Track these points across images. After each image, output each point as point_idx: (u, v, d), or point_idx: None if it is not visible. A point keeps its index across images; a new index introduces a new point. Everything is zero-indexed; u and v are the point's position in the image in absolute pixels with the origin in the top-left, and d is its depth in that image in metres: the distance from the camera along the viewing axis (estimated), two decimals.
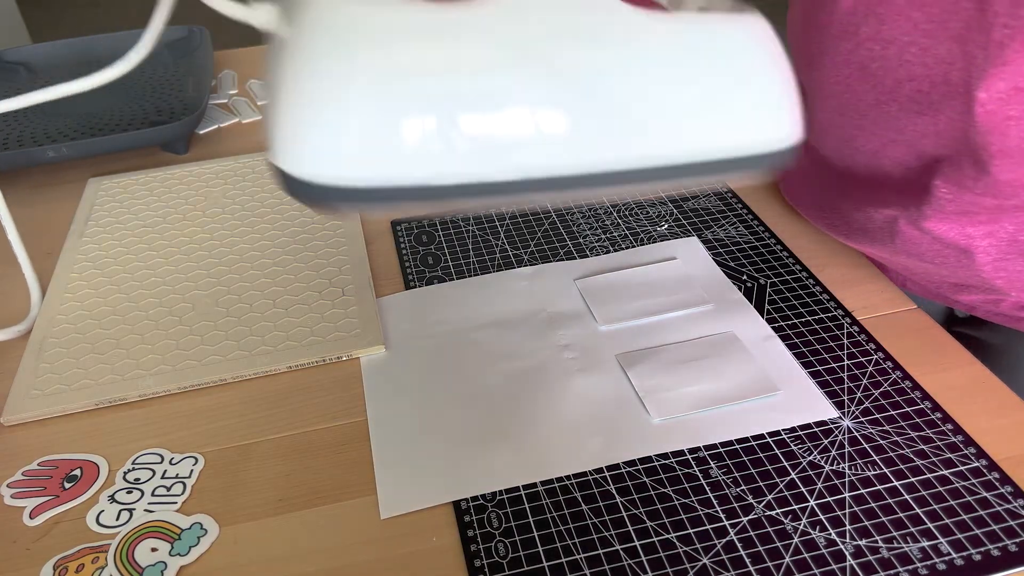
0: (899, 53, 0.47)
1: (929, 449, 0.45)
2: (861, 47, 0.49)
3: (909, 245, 0.53)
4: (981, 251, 0.51)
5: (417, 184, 0.31)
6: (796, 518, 0.41)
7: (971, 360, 0.51)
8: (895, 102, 0.49)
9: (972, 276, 0.52)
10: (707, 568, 0.39)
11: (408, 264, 0.61)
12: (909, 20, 0.46)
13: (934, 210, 0.50)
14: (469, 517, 0.42)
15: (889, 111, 0.49)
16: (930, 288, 0.56)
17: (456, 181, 0.32)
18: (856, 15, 0.49)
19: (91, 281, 0.60)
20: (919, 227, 0.52)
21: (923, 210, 0.51)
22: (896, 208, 0.53)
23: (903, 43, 0.47)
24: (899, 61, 0.47)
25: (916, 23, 0.46)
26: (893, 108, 0.49)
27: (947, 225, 0.51)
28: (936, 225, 0.51)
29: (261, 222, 0.66)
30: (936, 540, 0.40)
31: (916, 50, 0.46)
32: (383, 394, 0.50)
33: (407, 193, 0.31)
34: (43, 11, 3.25)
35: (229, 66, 0.96)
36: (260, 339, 0.54)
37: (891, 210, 0.53)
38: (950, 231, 0.51)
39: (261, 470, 0.46)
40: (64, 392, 0.51)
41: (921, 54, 0.46)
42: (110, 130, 0.78)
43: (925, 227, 0.51)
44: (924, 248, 0.53)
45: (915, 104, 0.47)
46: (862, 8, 0.48)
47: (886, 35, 0.47)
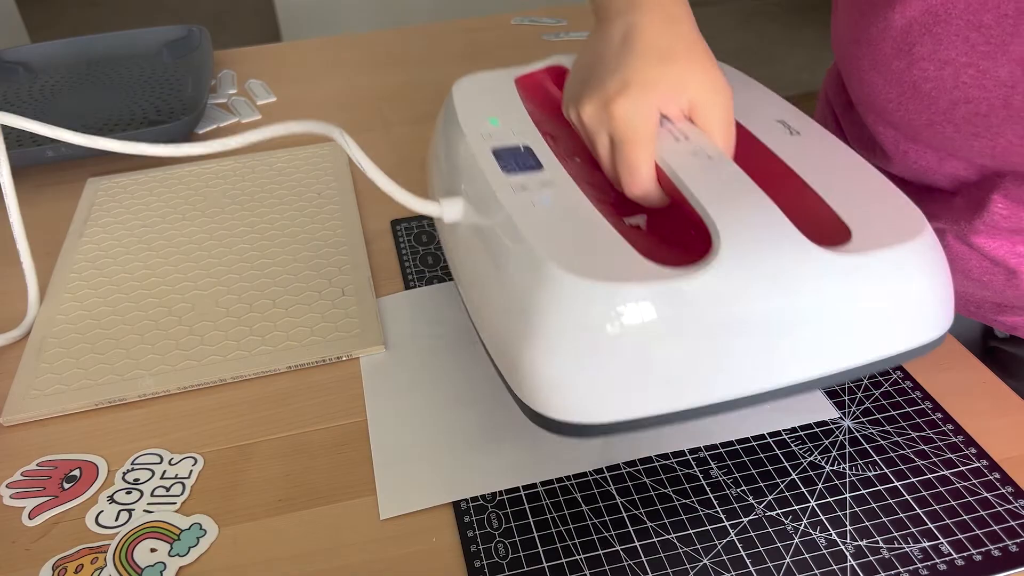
0: (955, 74, 0.45)
1: (930, 449, 0.45)
2: (914, 66, 0.47)
3: (955, 261, 0.51)
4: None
5: (655, 414, 0.38)
6: (797, 518, 0.41)
7: (972, 360, 0.50)
8: (950, 124, 0.46)
9: (1018, 296, 0.50)
10: (707, 568, 0.39)
11: (408, 264, 0.61)
12: (967, 42, 0.44)
13: (987, 225, 0.48)
14: (469, 517, 0.42)
15: (944, 132, 0.47)
16: (970, 307, 0.54)
17: (684, 407, 0.38)
18: (911, 34, 0.46)
19: (90, 281, 0.60)
20: (968, 242, 0.50)
21: (975, 224, 0.49)
22: (945, 221, 0.51)
23: (959, 64, 0.44)
24: (954, 83, 0.45)
25: (974, 45, 0.44)
26: (948, 129, 0.47)
27: (998, 242, 0.49)
28: (986, 241, 0.49)
29: (261, 222, 0.66)
30: (937, 540, 0.40)
31: (973, 72, 0.44)
32: (383, 394, 0.50)
33: (647, 422, 0.38)
34: (42, 11, 3.25)
35: (228, 66, 0.96)
36: (260, 339, 0.54)
37: (939, 223, 0.51)
38: (1000, 248, 0.49)
39: (261, 470, 0.46)
40: (63, 392, 0.51)
41: (979, 76, 0.44)
42: (109, 130, 0.78)
43: (974, 243, 0.49)
44: (971, 265, 0.51)
45: (971, 127, 0.45)
46: (917, 27, 0.46)
47: (942, 56, 0.45)
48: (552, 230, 0.39)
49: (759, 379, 0.38)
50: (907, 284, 0.39)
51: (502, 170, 0.43)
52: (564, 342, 0.37)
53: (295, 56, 0.98)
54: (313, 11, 2.70)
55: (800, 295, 0.38)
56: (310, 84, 0.91)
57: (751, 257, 0.37)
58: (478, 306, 0.43)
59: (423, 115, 0.83)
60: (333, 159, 0.75)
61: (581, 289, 0.36)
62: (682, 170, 0.41)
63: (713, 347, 0.37)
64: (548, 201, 0.41)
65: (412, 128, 0.81)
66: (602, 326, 0.36)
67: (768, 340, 0.38)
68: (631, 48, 0.43)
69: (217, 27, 2.89)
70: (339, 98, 0.88)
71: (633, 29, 0.44)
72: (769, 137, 0.46)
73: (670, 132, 0.44)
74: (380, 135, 0.80)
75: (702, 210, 0.39)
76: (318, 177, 0.72)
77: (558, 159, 0.45)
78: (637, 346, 0.36)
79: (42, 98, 0.85)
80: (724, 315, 0.37)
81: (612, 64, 0.43)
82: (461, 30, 1.03)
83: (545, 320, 0.37)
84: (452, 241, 0.47)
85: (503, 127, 0.47)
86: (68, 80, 0.89)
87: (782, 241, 0.38)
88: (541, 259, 0.37)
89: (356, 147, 0.46)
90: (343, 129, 0.47)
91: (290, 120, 0.49)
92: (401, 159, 0.75)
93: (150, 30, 0.95)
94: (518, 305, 0.38)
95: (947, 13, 0.44)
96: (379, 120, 0.83)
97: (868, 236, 0.39)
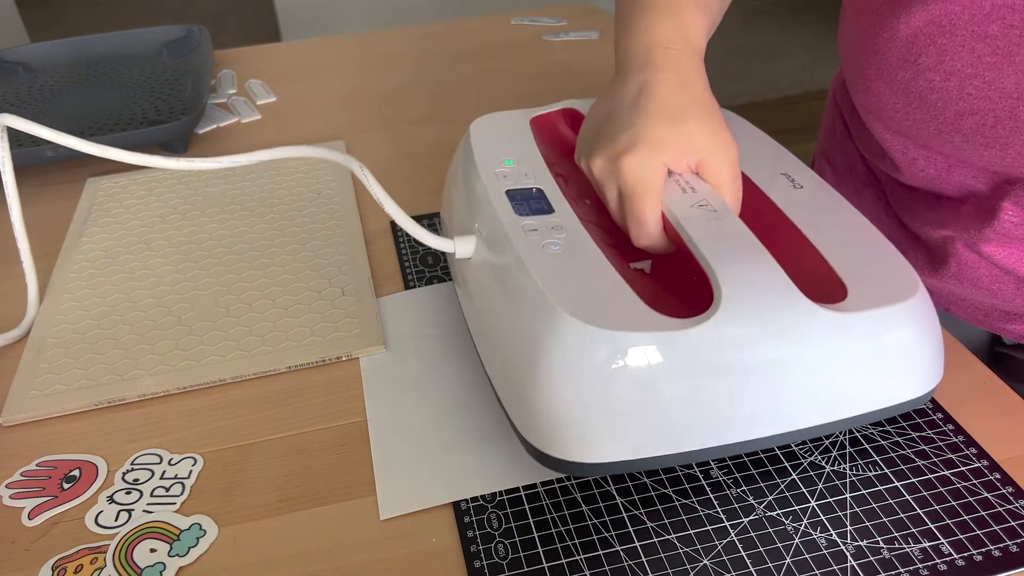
0: (960, 85, 0.45)
1: (930, 449, 0.45)
2: (920, 76, 0.46)
3: (964, 269, 0.51)
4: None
5: (649, 456, 0.39)
6: (797, 518, 0.41)
7: (972, 360, 0.50)
8: (959, 133, 0.46)
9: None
10: (707, 569, 0.39)
11: (408, 264, 0.61)
12: (972, 52, 0.44)
13: (997, 233, 0.48)
14: (469, 518, 0.42)
15: (953, 141, 0.47)
16: (978, 315, 0.53)
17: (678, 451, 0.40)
18: (916, 44, 0.46)
19: (90, 281, 0.60)
20: (977, 250, 0.50)
21: (984, 232, 0.49)
22: (955, 229, 0.50)
23: (965, 75, 0.44)
24: (960, 94, 0.45)
25: (980, 55, 0.43)
26: (957, 139, 0.47)
27: (1008, 250, 0.49)
28: (997, 250, 0.49)
29: (260, 222, 0.66)
30: (937, 540, 0.40)
31: (979, 83, 0.44)
32: (383, 394, 0.50)
33: (640, 463, 0.40)
34: (42, 11, 3.25)
35: (228, 66, 0.96)
36: (260, 339, 0.54)
37: (948, 231, 0.51)
38: (1010, 257, 0.49)
39: (260, 471, 0.46)
40: (63, 392, 0.51)
41: (984, 88, 0.44)
42: (109, 130, 0.78)
43: (984, 251, 0.49)
44: (980, 274, 0.50)
45: (980, 137, 0.45)
46: (922, 37, 0.46)
47: (947, 67, 0.45)
48: (561, 275, 0.41)
49: (752, 428, 0.40)
50: (898, 342, 0.41)
51: (515, 212, 0.45)
52: (567, 384, 0.38)
53: (295, 56, 0.98)
54: (313, 11, 2.70)
55: (795, 350, 0.39)
56: (310, 84, 0.91)
57: (750, 312, 0.39)
58: (485, 341, 0.45)
59: (423, 115, 0.83)
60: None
61: (587, 334, 0.38)
62: (687, 222, 0.43)
63: (710, 395, 0.39)
64: (558, 246, 0.43)
65: (412, 128, 0.81)
66: (605, 371, 0.38)
67: (762, 392, 0.39)
68: (644, 106, 0.45)
69: (217, 27, 2.89)
70: (339, 98, 0.88)
71: (648, 87, 0.45)
72: (773, 190, 0.48)
73: (677, 183, 0.45)
74: (380, 135, 0.80)
75: (705, 263, 0.40)
76: (318, 177, 0.72)
77: (569, 202, 0.47)
78: (636, 391, 0.38)
79: (42, 98, 0.85)
80: (722, 366, 0.38)
81: (624, 120, 0.45)
82: (461, 30, 1.03)
83: (550, 362, 0.38)
84: (463, 277, 0.49)
85: (517, 167, 0.49)
86: (68, 80, 0.88)
87: (781, 297, 0.39)
88: (550, 304, 0.39)
89: (376, 183, 0.48)
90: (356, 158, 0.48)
91: (305, 144, 0.50)
92: (401, 159, 0.75)
93: (150, 30, 0.95)
94: (525, 346, 0.40)
95: (952, 24, 0.44)
96: (379, 120, 0.83)
97: (863, 294, 0.40)
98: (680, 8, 0.47)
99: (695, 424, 0.39)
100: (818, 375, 0.40)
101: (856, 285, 0.41)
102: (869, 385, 0.41)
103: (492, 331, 0.44)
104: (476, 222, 0.47)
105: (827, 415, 0.41)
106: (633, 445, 0.39)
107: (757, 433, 0.40)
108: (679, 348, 0.38)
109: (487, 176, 0.48)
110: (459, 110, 0.84)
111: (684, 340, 0.38)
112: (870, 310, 0.40)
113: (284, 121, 0.83)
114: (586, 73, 0.90)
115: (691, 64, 0.47)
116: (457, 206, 0.51)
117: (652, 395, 0.38)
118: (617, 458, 0.39)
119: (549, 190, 0.47)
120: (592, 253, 0.42)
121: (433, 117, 0.83)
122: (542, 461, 0.41)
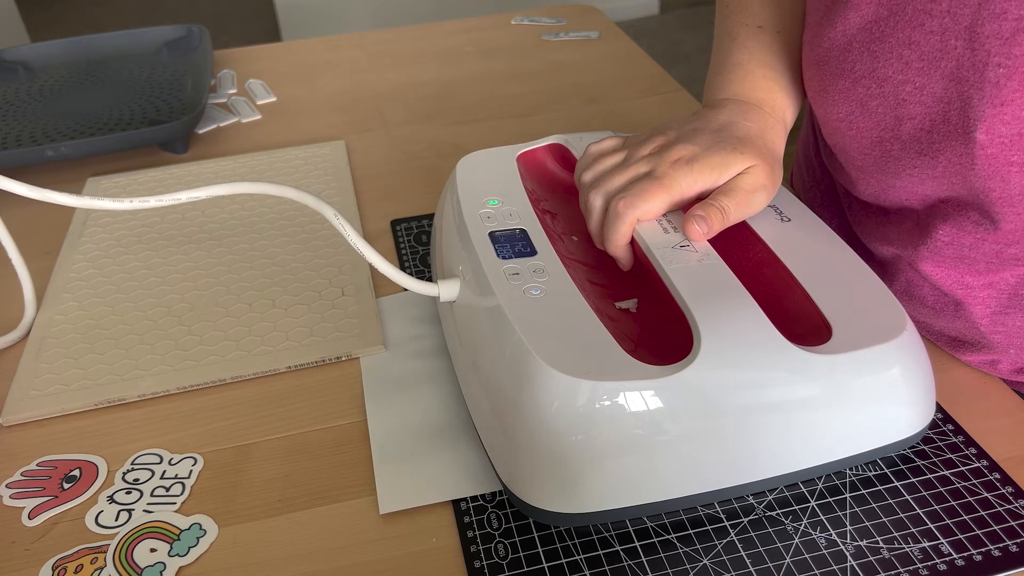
0: (895, 91, 0.45)
1: (930, 449, 0.45)
2: (858, 84, 0.47)
3: (912, 288, 0.51)
4: (979, 303, 0.49)
5: (627, 505, 0.40)
6: (797, 518, 0.41)
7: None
8: (897, 140, 0.47)
9: (969, 329, 0.50)
10: (707, 568, 0.39)
11: (408, 264, 0.61)
12: (900, 59, 0.44)
13: (931, 252, 0.49)
14: (469, 517, 0.42)
15: (891, 150, 0.47)
16: (930, 336, 0.53)
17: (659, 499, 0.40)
18: (851, 52, 0.47)
19: (90, 281, 0.60)
20: (917, 268, 0.50)
21: (920, 251, 0.49)
22: (899, 246, 0.51)
23: (897, 81, 0.45)
24: (896, 100, 0.45)
25: (908, 62, 0.44)
26: (895, 147, 0.47)
27: (944, 271, 0.49)
28: (933, 269, 0.49)
29: (260, 222, 0.66)
30: (937, 540, 0.40)
31: (911, 88, 0.44)
32: (383, 394, 0.50)
33: (640, 509, 0.40)
34: (42, 11, 3.25)
35: (228, 66, 0.96)
36: (259, 339, 0.54)
37: (894, 248, 0.51)
38: (946, 278, 0.49)
39: (260, 470, 0.46)
40: (63, 392, 0.51)
41: (917, 93, 0.44)
42: (109, 130, 0.78)
43: (922, 270, 0.50)
44: (924, 293, 0.51)
45: (917, 143, 0.46)
46: (856, 45, 0.47)
47: (880, 74, 0.46)
48: (541, 322, 0.41)
49: (734, 475, 0.40)
50: (885, 382, 0.41)
51: (497, 255, 0.45)
52: (546, 432, 0.38)
53: (295, 56, 0.98)
54: (313, 11, 2.71)
55: (776, 393, 0.39)
56: (310, 84, 0.91)
57: (729, 358, 0.38)
58: (469, 384, 0.45)
59: (423, 115, 0.83)
60: (333, 159, 0.75)
61: (564, 384, 0.38)
62: (668, 264, 0.43)
63: (690, 443, 0.39)
64: (539, 291, 0.42)
65: (412, 128, 0.81)
66: (583, 419, 0.38)
67: (746, 438, 0.39)
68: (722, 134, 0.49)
69: (217, 27, 2.89)
70: (339, 98, 0.88)
71: (730, 121, 0.50)
72: (761, 224, 0.48)
73: (659, 223, 0.46)
74: (380, 135, 0.80)
75: (686, 308, 0.40)
76: (318, 177, 0.72)
77: (553, 241, 0.47)
78: (615, 440, 0.38)
79: (42, 98, 0.85)
80: (701, 412, 0.38)
81: (699, 135, 0.48)
82: (461, 30, 1.03)
83: (529, 410, 0.38)
84: (448, 318, 0.49)
85: (502, 207, 0.49)
86: (68, 80, 0.89)
87: (760, 341, 0.39)
88: (528, 352, 0.39)
89: (352, 230, 0.47)
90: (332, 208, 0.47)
91: (284, 185, 0.49)
92: (401, 159, 0.75)
93: (150, 30, 0.95)
94: (505, 392, 0.40)
95: (881, 32, 0.45)
96: (379, 120, 0.83)
97: (848, 334, 0.40)
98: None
99: (676, 472, 0.39)
100: (801, 419, 0.40)
101: (841, 324, 0.41)
102: (856, 427, 0.41)
103: (474, 373, 0.44)
104: (459, 264, 0.47)
105: (811, 459, 0.41)
106: (610, 494, 0.39)
107: (740, 479, 0.40)
108: (657, 396, 0.38)
109: (470, 217, 0.48)
110: (459, 110, 0.84)
111: (662, 388, 0.38)
112: (854, 351, 0.39)
113: (284, 121, 0.83)
114: (586, 73, 0.90)
115: (774, 123, 0.52)
116: (442, 248, 0.51)
117: (631, 443, 0.38)
118: (597, 508, 0.39)
119: (532, 230, 0.47)
120: (573, 297, 0.42)
121: (433, 117, 0.83)
122: (521, 507, 0.41)
